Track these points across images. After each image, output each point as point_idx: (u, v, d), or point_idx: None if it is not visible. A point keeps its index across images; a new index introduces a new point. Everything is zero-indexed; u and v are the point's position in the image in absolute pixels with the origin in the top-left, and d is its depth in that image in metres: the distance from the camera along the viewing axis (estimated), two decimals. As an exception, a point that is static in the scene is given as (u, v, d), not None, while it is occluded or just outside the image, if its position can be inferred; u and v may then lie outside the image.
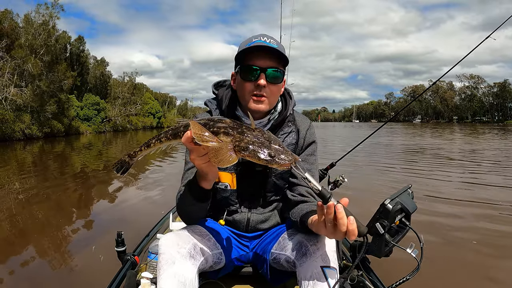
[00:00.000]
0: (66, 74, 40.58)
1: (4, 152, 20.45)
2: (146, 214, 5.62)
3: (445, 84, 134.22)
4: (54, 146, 24.95)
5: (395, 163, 11.56)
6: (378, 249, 1.55)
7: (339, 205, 1.11)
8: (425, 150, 16.77)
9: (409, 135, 30.32)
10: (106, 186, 8.75)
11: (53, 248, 4.39)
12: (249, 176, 1.63)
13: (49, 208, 6.55)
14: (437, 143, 21.72)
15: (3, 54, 32.35)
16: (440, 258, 3.75)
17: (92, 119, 50.66)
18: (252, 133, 1.11)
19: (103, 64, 66.06)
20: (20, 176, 10.55)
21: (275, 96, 1.56)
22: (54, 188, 8.44)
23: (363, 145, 3.97)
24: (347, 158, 3.22)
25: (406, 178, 8.67)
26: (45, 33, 37.31)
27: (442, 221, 5.03)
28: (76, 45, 56.78)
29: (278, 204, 1.72)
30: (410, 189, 1.58)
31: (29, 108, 33.85)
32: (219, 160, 1.06)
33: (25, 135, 32.22)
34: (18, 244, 4.66)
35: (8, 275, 3.63)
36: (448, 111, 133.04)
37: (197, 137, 1.07)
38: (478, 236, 4.41)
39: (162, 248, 1.42)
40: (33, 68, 34.06)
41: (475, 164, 11.26)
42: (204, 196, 1.39)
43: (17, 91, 32.32)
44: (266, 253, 1.63)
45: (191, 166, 1.62)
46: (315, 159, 1.70)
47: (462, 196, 6.53)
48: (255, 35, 1.55)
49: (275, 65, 1.49)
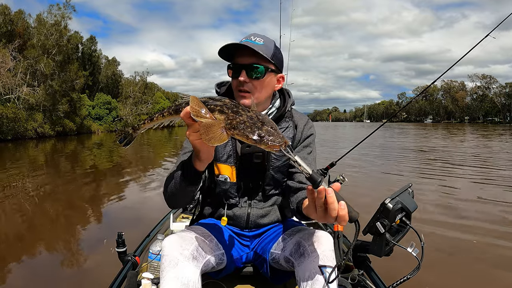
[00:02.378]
0: (78, 74, 41.04)
1: (17, 150, 20.79)
2: (146, 214, 5.70)
3: (457, 84, 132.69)
4: (66, 145, 25.29)
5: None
6: (378, 249, 1.55)
7: (330, 189, 1.08)
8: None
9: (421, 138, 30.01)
10: (113, 185, 8.83)
11: (61, 245, 4.48)
12: (248, 169, 1.65)
13: (58, 205, 6.69)
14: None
15: (16, 54, 32.79)
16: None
17: (104, 118, 51.11)
18: (247, 114, 1.10)
19: (115, 63, 66.64)
20: (32, 174, 10.73)
21: (260, 91, 1.55)
22: (64, 186, 8.59)
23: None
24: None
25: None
26: (57, 33, 37.74)
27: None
28: (87, 45, 57.43)
29: (277, 199, 1.74)
30: (410, 188, 1.57)
31: (42, 107, 34.37)
32: (210, 137, 1.05)
33: (38, 133, 32.70)
34: (29, 239, 4.77)
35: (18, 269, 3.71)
36: (460, 111, 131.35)
37: (193, 111, 1.08)
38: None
39: (165, 249, 1.41)
40: (45, 67, 34.54)
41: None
42: (193, 178, 1.36)
43: (29, 91, 32.79)
44: (265, 253, 1.64)
45: (187, 151, 1.63)
46: (311, 150, 1.71)
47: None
48: (247, 34, 1.58)
49: (256, 61, 1.50)
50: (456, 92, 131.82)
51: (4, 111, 28.55)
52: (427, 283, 3.17)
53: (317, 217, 1.15)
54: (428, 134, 34.72)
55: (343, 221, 1.10)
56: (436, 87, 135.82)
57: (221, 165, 1.64)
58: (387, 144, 21.21)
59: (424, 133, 37.10)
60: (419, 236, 1.48)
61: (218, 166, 1.64)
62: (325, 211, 1.11)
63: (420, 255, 1.45)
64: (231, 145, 1.63)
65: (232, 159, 1.63)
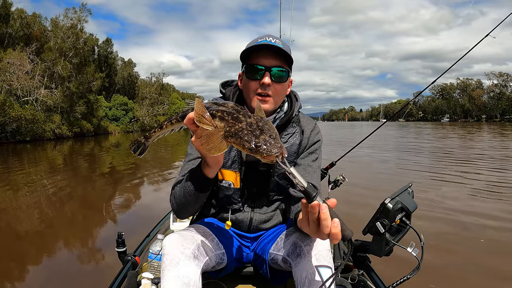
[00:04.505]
0: (95, 76, 41.78)
1: (35, 151, 21.21)
2: (146, 213, 5.76)
3: (473, 82, 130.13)
4: (84, 145, 25.72)
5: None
6: (378, 249, 1.55)
7: (324, 205, 1.03)
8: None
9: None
10: (130, 185, 8.93)
11: (78, 243, 4.57)
12: (253, 175, 1.63)
13: (75, 204, 6.82)
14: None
15: (33, 57, 33.51)
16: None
17: (120, 119, 51.83)
18: (247, 120, 1.06)
19: (131, 65, 67.50)
20: (50, 174, 10.98)
21: (280, 95, 1.55)
22: (82, 185, 8.77)
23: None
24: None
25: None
26: (73, 36, 38.48)
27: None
28: (103, 47, 58.28)
29: (280, 204, 1.72)
30: (410, 188, 1.57)
31: (59, 108, 35.13)
32: (210, 147, 1.05)
33: (56, 134, 33.43)
34: (49, 235, 4.91)
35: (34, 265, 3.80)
36: (477, 110, 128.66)
37: (197, 117, 1.07)
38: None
39: (166, 248, 1.40)
40: (62, 70, 35.31)
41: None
42: (202, 185, 1.35)
43: (47, 92, 33.56)
44: (265, 253, 1.63)
45: (192, 158, 1.62)
46: (316, 157, 1.67)
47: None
48: (261, 35, 1.55)
49: (280, 64, 1.49)
50: (473, 90, 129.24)
51: (23, 113, 29.24)
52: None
53: (310, 232, 1.12)
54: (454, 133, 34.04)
55: (335, 240, 1.06)
56: (453, 86, 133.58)
57: (225, 171, 1.62)
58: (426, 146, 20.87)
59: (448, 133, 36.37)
60: (419, 236, 1.48)
61: (222, 171, 1.62)
62: (318, 226, 1.07)
63: (420, 255, 1.45)
64: (236, 150, 1.59)
65: (236, 164, 1.61)
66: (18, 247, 4.50)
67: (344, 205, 5.30)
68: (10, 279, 3.56)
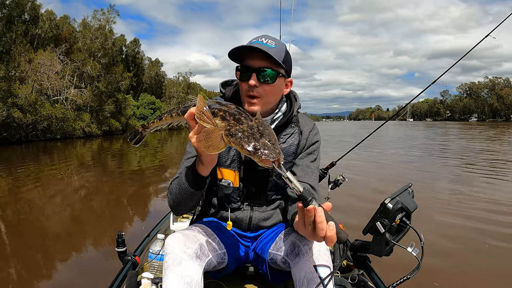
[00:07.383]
0: (123, 75, 42.70)
1: (65, 148, 21.88)
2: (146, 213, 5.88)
3: (501, 81, 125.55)
4: (112, 144, 26.37)
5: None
6: (378, 249, 1.55)
7: (320, 208, 1.06)
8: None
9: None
10: (157, 182, 9.11)
11: (104, 239, 4.74)
12: (252, 175, 1.64)
13: (103, 201, 7.05)
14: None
15: (63, 57, 34.53)
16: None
17: (148, 117, 52.57)
18: (248, 122, 1.09)
19: (158, 64, 68.49)
20: (80, 171, 11.39)
21: (271, 96, 1.53)
22: (110, 182, 9.08)
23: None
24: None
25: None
26: (102, 36, 39.48)
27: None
28: (131, 47, 59.32)
29: (280, 203, 1.72)
30: (410, 188, 1.56)
31: (89, 107, 36.14)
32: (209, 145, 1.06)
33: (85, 133, 34.39)
34: (75, 232, 5.07)
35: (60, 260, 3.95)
36: (505, 109, 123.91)
37: (197, 113, 1.09)
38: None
39: (168, 248, 1.40)
40: (91, 70, 36.25)
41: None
42: (196, 183, 1.37)
43: (77, 92, 34.55)
44: (264, 253, 1.64)
45: (191, 156, 1.64)
46: (315, 158, 1.68)
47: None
48: (256, 36, 1.55)
49: (268, 65, 1.47)
50: (501, 89, 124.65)
51: (53, 112, 30.19)
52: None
53: (306, 234, 1.14)
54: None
55: (331, 242, 1.09)
56: (481, 84, 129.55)
57: (224, 170, 1.63)
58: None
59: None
60: (419, 236, 1.47)
61: (221, 170, 1.63)
62: (314, 229, 1.10)
63: (420, 255, 1.44)
64: (235, 149, 1.59)
65: (235, 163, 1.62)
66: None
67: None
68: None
